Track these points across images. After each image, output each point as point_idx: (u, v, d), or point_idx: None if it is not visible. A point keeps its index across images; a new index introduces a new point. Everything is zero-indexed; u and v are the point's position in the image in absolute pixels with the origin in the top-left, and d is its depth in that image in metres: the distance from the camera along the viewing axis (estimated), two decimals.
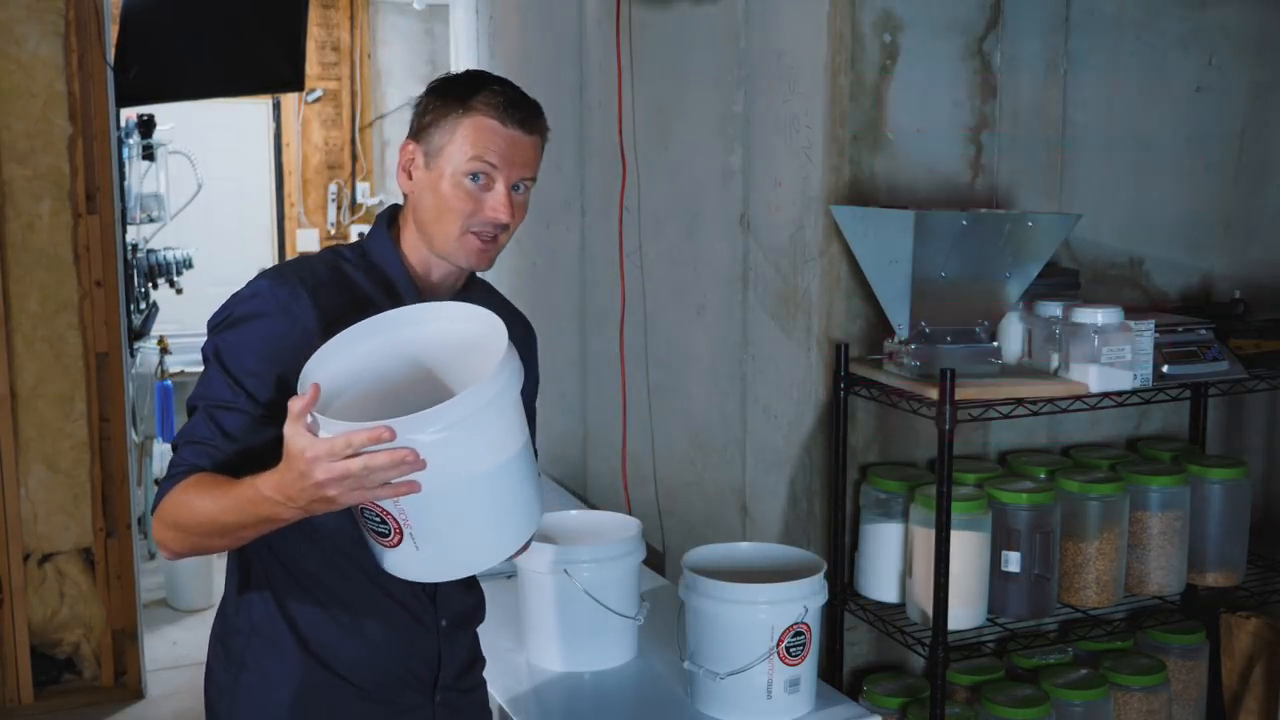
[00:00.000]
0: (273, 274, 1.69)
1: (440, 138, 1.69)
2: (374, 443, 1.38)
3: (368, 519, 1.55)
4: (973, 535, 2.41)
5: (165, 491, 1.61)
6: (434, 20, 7.54)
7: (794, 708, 2.15)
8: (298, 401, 1.43)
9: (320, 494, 1.42)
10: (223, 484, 1.55)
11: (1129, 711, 2.65)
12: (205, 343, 1.68)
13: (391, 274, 1.75)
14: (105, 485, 4.15)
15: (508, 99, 1.70)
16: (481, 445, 1.50)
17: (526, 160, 1.71)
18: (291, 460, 1.43)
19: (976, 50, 2.67)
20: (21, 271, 3.96)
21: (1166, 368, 2.47)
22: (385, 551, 1.58)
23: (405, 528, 1.52)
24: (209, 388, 1.64)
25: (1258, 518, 2.92)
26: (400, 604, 1.76)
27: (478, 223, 1.69)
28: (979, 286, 2.38)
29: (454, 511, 1.53)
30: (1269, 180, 3.02)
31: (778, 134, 2.77)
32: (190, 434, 1.64)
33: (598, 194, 3.72)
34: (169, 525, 1.60)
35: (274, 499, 1.47)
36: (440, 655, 1.82)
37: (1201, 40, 2.89)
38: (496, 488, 1.55)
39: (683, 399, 3.27)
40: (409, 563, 1.57)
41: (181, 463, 1.62)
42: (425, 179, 1.71)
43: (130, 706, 4.17)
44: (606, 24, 3.55)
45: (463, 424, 1.44)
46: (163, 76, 4.27)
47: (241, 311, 1.65)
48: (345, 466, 1.39)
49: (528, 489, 1.60)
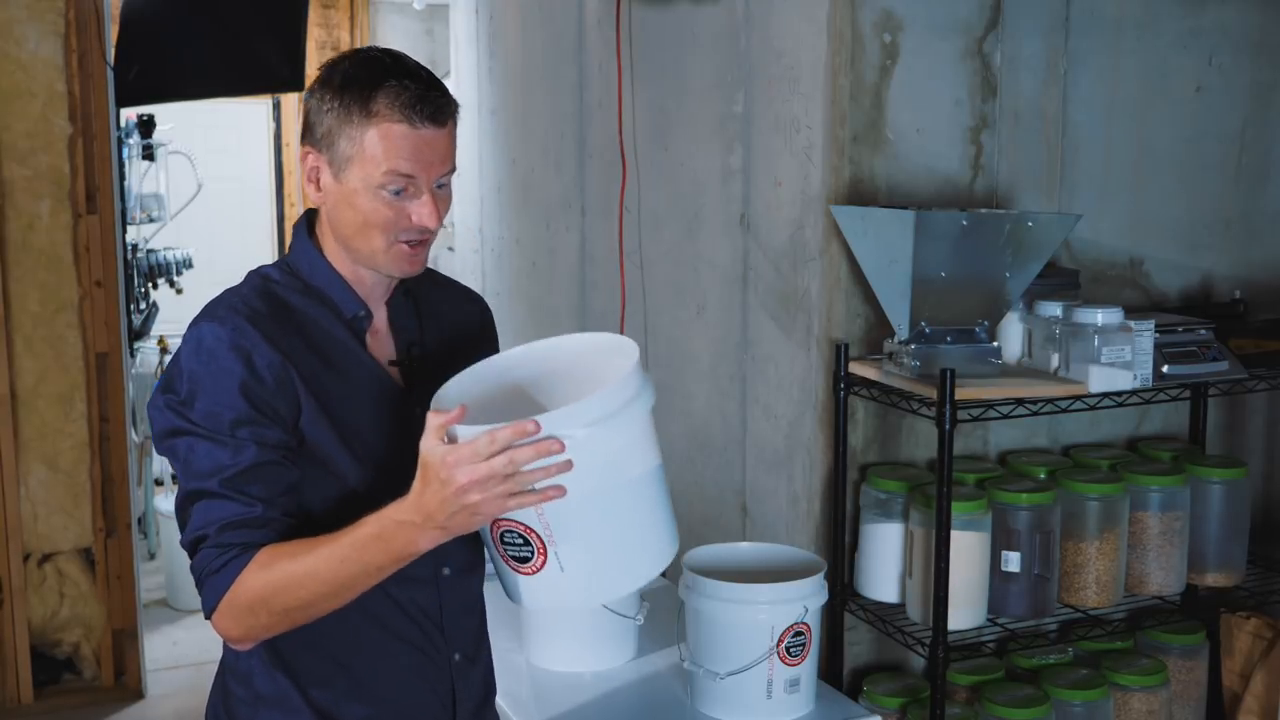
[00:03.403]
0: (206, 316, 1.55)
1: (345, 147, 1.53)
2: (519, 437, 1.35)
3: (507, 546, 1.49)
4: (973, 535, 2.41)
5: (226, 584, 1.46)
6: (434, 20, 7.54)
7: (794, 708, 2.14)
8: (437, 417, 1.38)
9: (463, 502, 1.36)
10: (321, 541, 1.45)
11: (1129, 711, 2.65)
12: (163, 417, 1.52)
13: (326, 288, 1.62)
14: (105, 485, 4.15)
15: (412, 94, 1.51)
16: (624, 450, 1.47)
17: (444, 155, 1.56)
18: (430, 470, 1.37)
19: (976, 50, 2.67)
20: (21, 271, 3.95)
21: (1166, 368, 2.47)
22: (523, 581, 1.51)
23: (550, 545, 1.46)
24: (201, 462, 1.49)
25: (1258, 518, 2.92)
26: (409, 643, 1.66)
27: (404, 233, 1.56)
28: (979, 286, 2.38)
29: (601, 522, 1.47)
30: (1269, 180, 3.02)
31: (778, 134, 2.77)
32: (216, 519, 1.48)
33: (598, 194, 3.72)
34: (257, 613, 1.47)
35: (411, 522, 1.39)
36: (454, 692, 1.72)
37: (1201, 40, 2.89)
38: (641, 498, 1.51)
39: (683, 399, 3.27)
40: (552, 588, 1.50)
41: (226, 549, 1.47)
42: (337, 191, 1.56)
43: (130, 706, 4.16)
44: (606, 24, 3.55)
45: (606, 423, 1.41)
46: (163, 76, 4.26)
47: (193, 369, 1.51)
48: (490, 465, 1.34)
49: (667, 504, 1.57)
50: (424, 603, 1.66)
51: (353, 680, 1.63)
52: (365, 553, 1.43)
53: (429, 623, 1.67)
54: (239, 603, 1.47)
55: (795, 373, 2.76)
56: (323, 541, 1.45)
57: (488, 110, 4.81)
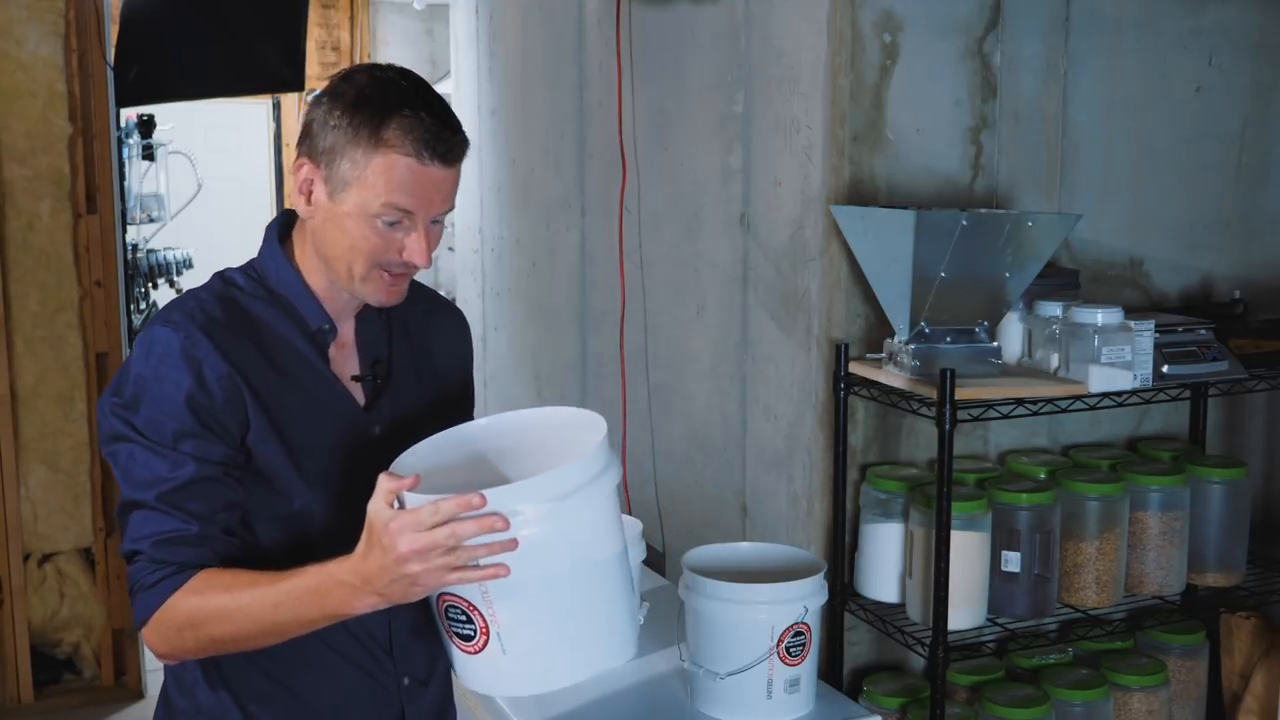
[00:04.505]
0: (162, 319, 1.50)
1: (346, 170, 1.47)
2: (463, 510, 1.32)
3: (452, 620, 1.46)
4: (973, 535, 2.41)
5: (158, 602, 1.44)
6: (434, 20, 7.54)
7: (794, 708, 2.14)
8: (389, 480, 1.35)
9: (402, 571, 1.33)
10: (260, 579, 1.42)
11: (1129, 711, 2.65)
12: (108, 421, 1.48)
13: (292, 299, 1.57)
14: (105, 485, 4.15)
15: (427, 131, 1.45)
16: (578, 533, 1.41)
17: (446, 194, 1.51)
18: (374, 535, 1.34)
19: (976, 50, 2.67)
20: (21, 271, 3.95)
21: (1166, 368, 2.47)
22: (466, 660, 1.48)
23: (493, 626, 1.43)
24: (140, 471, 1.46)
25: (1258, 518, 2.92)
26: (355, 664, 1.61)
27: (389, 263, 1.51)
28: (979, 286, 2.38)
29: (546, 608, 1.43)
30: (1269, 180, 3.02)
31: (778, 134, 2.77)
32: (151, 533, 1.45)
33: (598, 194, 3.72)
34: (184, 636, 1.45)
35: (349, 583, 1.37)
36: (403, 716, 1.67)
37: (1201, 40, 2.89)
38: (595, 586, 1.46)
39: (683, 399, 3.27)
40: (491, 673, 1.48)
41: (161, 565, 1.45)
42: (328, 210, 1.50)
43: (130, 706, 4.16)
44: (606, 24, 3.55)
45: (559, 503, 1.37)
46: (163, 76, 4.26)
47: (140, 373, 1.47)
48: (431, 536, 1.31)
49: (626, 597, 1.51)
50: (372, 626, 1.61)
51: (296, 699, 1.60)
52: (299, 604, 1.41)
53: (376, 645, 1.63)
54: (167, 622, 1.45)
55: (795, 373, 2.76)
56: (261, 580, 1.42)
57: (488, 110, 4.81)
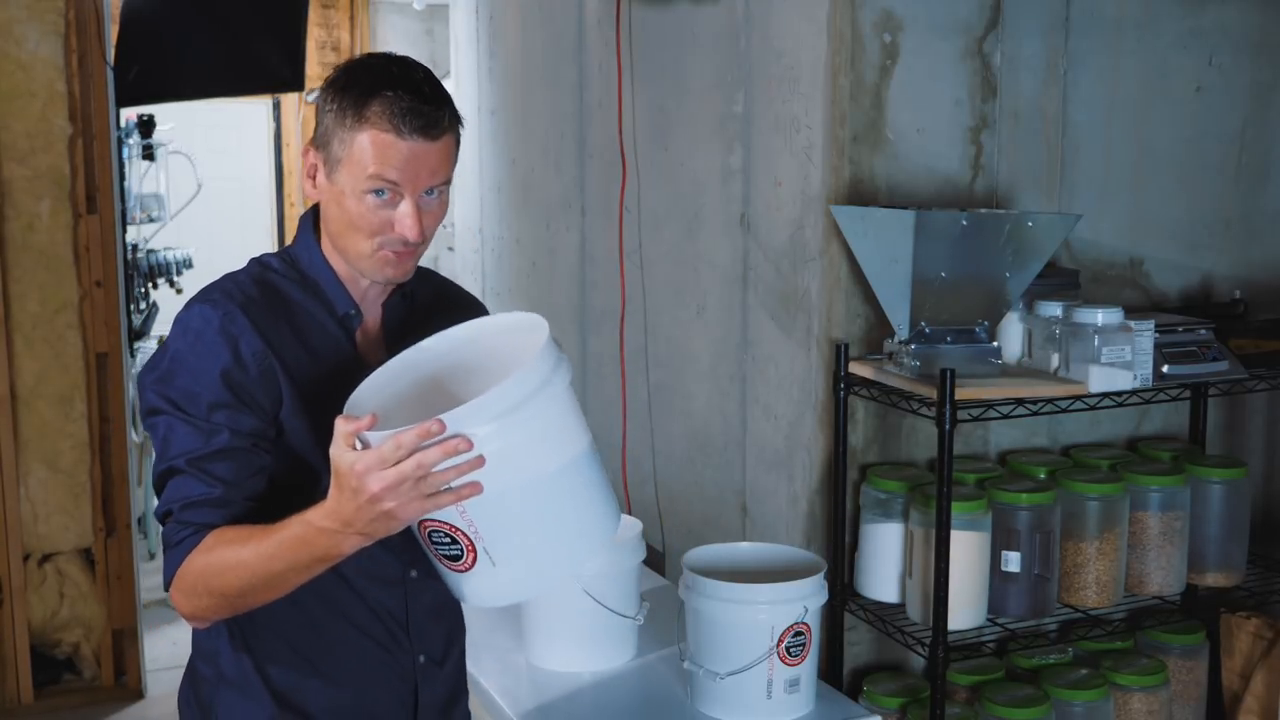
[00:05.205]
0: (200, 298, 1.58)
1: (337, 148, 1.55)
2: (425, 439, 1.33)
3: (437, 544, 1.47)
4: (973, 535, 2.41)
5: (178, 561, 1.50)
6: (434, 20, 7.54)
7: (794, 708, 2.14)
8: (346, 423, 1.36)
9: (378, 509, 1.35)
10: (256, 533, 1.46)
11: (1129, 711, 2.65)
12: (146, 396, 1.55)
13: (321, 282, 1.64)
14: (105, 485, 4.15)
15: (403, 106, 1.52)
16: (541, 437, 1.43)
17: (434, 168, 1.56)
18: (342, 479, 1.36)
19: (976, 50, 2.67)
20: (21, 271, 3.95)
21: (1166, 368, 2.47)
22: (462, 579, 1.50)
23: (478, 542, 1.44)
24: (177, 442, 1.52)
25: (1258, 518, 2.92)
26: (373, 640, 1.67)
27: (387, 240, 1.58)
28: (979, 286, 2.38)
29: (526, 514, 1.45)
30: (1269, 180, 3.02)
31: (778, 134, 2.77)
32: (181, 496, 1.51)
33: (598, 194, 3.72)
34: (199, 593, 1.50)
35: (330, 529, 1.39)
36: (417, 694, 1.72)
37: (1201, 40, 2.89)
38: (568, 484, 1.48)
39: (683, 399, 3.27)
40: (489, 585, 1.49)
41: (184, 526, 1.51)
42: (328, 190, 1.59)
43: (130, 706, 4.16)
44: (606, 24, 3.55)
45: (515, 413, 1.38)
46: (163, 76, 4.27)
47: (178, 349, 1.54)
48: (399, 470, 1.33)
49: (600, 483, 1.53)
50: (390, 604, 1.67)
51: (314, 668, 1.65)
52: (291, 552, 1.44)
53: (394, 623, 1.68)
54: (188, 585, 1.50)
55: (795, 373, 2.76)
56: (256, 534, 1.46)
57: (488, 110, 4.81)
